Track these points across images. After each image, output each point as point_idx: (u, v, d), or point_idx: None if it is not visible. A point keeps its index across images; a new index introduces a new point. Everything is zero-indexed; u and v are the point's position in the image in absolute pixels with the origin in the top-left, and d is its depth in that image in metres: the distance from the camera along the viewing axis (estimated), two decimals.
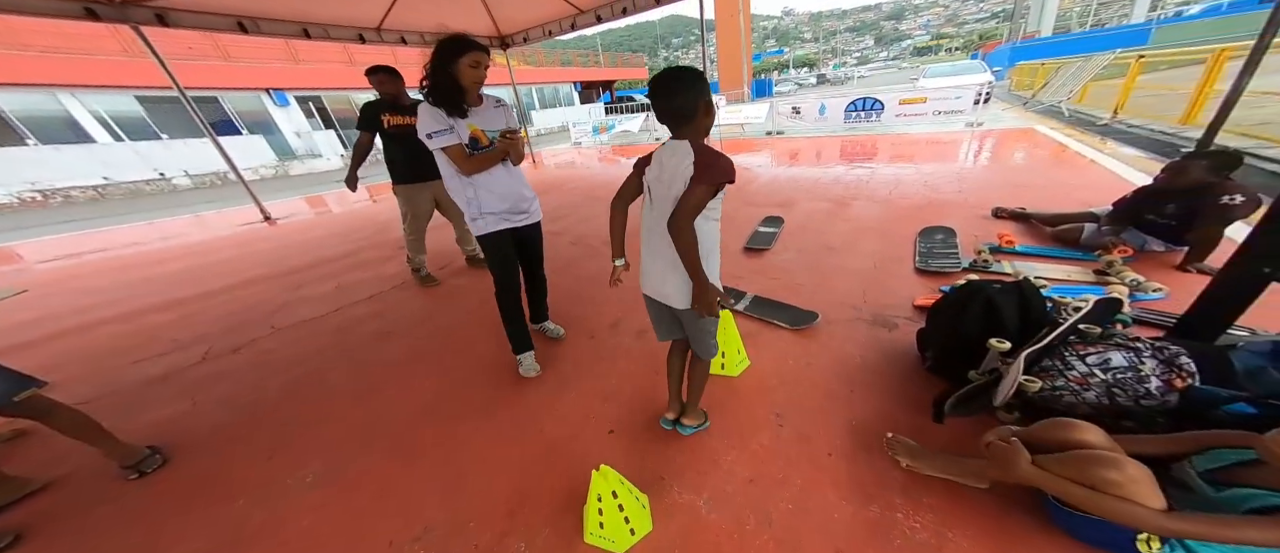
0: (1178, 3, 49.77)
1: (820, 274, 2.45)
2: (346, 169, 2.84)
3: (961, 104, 7.17)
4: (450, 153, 1.47)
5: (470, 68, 1.42)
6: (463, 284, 2.97)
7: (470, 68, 1.42)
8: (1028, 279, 1.39)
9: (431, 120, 1.43)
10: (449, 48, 1.39)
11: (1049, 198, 3.11)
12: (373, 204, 6.35)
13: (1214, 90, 4.33)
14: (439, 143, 1.44)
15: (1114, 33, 20.81)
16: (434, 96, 1.43)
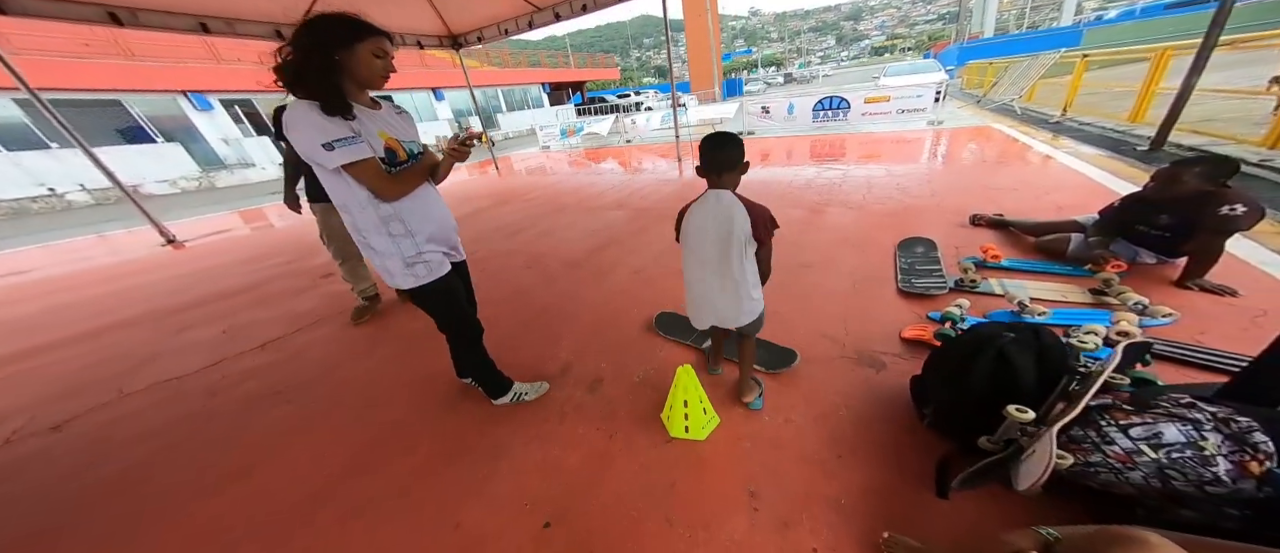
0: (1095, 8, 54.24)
1: (797, 297, 2.19)
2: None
3: (923, 102, 7.25)
4: (363, 171, 1.07)
5: (375, 57, 1.06)
6: (375, 330, 2.50)
7: (375, 57, 1.06)
8: (1046, 328, 1.15)
9: (324, 126, 1.00)
10: (342, 29, 1.02)
11: (1022, 201, 3.00)
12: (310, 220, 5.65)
13: (1159, 89, 4.44)
14: (344, 157, 1.02)
15: (1050, 34, 22.35)
16: (316, 95, 1.01)
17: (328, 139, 1.00)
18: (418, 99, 17.08)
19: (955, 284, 1.99)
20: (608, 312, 2.31)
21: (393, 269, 1.21)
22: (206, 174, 11.53)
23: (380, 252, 1.19)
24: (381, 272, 1.24)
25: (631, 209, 4.23)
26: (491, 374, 1.62)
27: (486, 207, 5.39)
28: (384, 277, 1.25)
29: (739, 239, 1.13)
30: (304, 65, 1.00)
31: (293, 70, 1.00)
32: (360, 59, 1.04)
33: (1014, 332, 1.12)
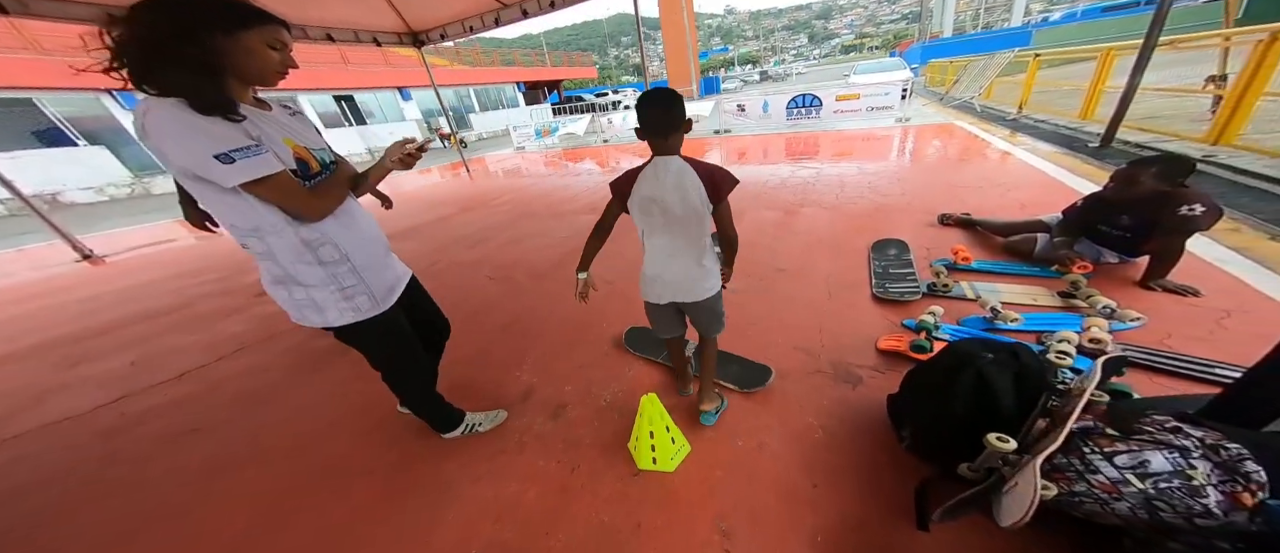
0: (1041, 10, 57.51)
1: (771, 305, 2.11)
2: None
3: (890, 100, 7.40)
4: (275, 188, 0.86)
5: (270, 49, 0.85)
6: (314, 354, 2.24)
7: (270, 49, 0.85)
8: (1024, 348, 1.08)
9: (212, 132, 0.77)
10: (221, 10, 0.79)
11: (987, 199, 3.04)
12: None
13: (1106, 87, 4.63)
14: (248, 172, 0.81)
15: (1003, 34, 23.55)
16: (182, 90, 0.76)
17: (222, 149, 0.77)
18: (382, 99, 16.33)
19: (928, 289, 1.95)
20: (575, 328, 2.17)
21: (325, 303, 1.01)
22: (140, 180, 10.56)
23: (309, 284, 0.98)
24: (306, 309, 1.01)
25: None
26: (439, 408, 1.44)
27: (451, 213, 5.12)
28: (308, 316, 1.02)
29: (695, 206, 1.04)
30: (159, 52, 0.75)
31: (141, 55, 0.76)
32: (250, 50, 0.81)
33: (992, 352, 1.05)
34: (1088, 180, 3.20)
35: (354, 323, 1.06)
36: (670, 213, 1.06)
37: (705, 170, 1.04)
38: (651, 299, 1.27)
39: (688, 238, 1.11)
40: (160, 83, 0.77)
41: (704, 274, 1.18)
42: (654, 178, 1.05)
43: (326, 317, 1.02)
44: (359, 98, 15.54)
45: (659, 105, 0.99)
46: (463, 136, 14.87)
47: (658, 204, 1.06)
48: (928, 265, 2.21)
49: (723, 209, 1.08)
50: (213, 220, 1.40)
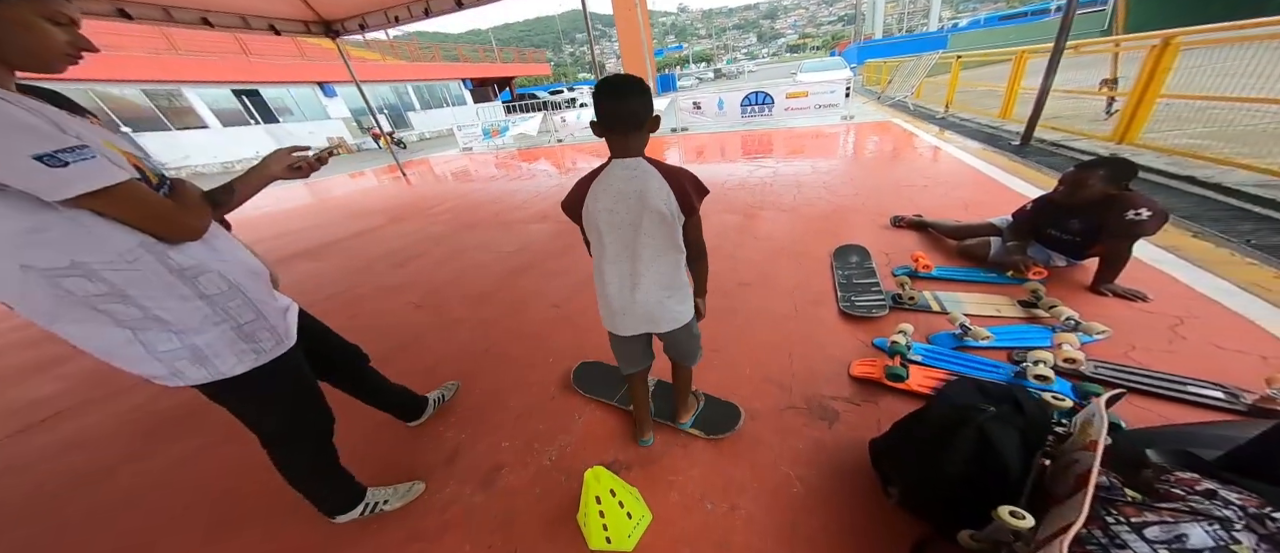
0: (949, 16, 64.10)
1: (737, 326, 1.92)
2: None
3: (835, 98, 7.65)
4: (125, 201, 0.66)
5: (49, 23, 0.64)
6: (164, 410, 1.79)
7: (49, 23, 0.64)
8: (1026, 394, 0.94)
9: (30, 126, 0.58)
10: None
11: (934, 199, 3.09)
12: None
13: (1020, 88, 5.01)
14: (87, 180, 0.61)
15: (924, 38, 25.83)
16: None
17: (46, 149, 0.57)
18: (299, 94, 14.52)
19: (894, 301, 1.86)
20: (515, 366, 1.86)
21: (215, 349, 0.79)
22: None
23: (186, 328, 0.75)
24: (183, 362, 0.76)
25: (556, 222, 3.74)
26: (334, 479, 1.13)
27: (379, 224, 4.50)
28: (185, 371, 0.77)
29: (662, 216, 0.86)
30: None
31: None
32: (13, 22, 0.61)
33: (993, 403, 0.90)
34: (1015, 177, 3.36)
35: (254, 369, 0.84)
36: (634, 228, 0.87)
37: (673, 175, 0.86)
38: (619, 332, 1.06)
39: (656, 257, 0.91)
40: None
41: (679, 298, 1.00)
42: (609, 185, 0.86)
43: (218, 367, 0.80)
44: (267, 93, 13.68)
45: (617, 95, 0.80)
46: (401, 137, 13.59)
47: (617, 217, 0.87)
48: (890, 274, 2.13)
49: (693, 223, 0.92)
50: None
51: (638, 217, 0.86)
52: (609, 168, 0.86)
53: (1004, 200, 2.90)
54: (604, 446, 1.43)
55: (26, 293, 0.64)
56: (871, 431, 1.36)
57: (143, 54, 10.83)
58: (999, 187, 3.22)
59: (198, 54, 11.81)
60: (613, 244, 0.91)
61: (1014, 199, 2.89)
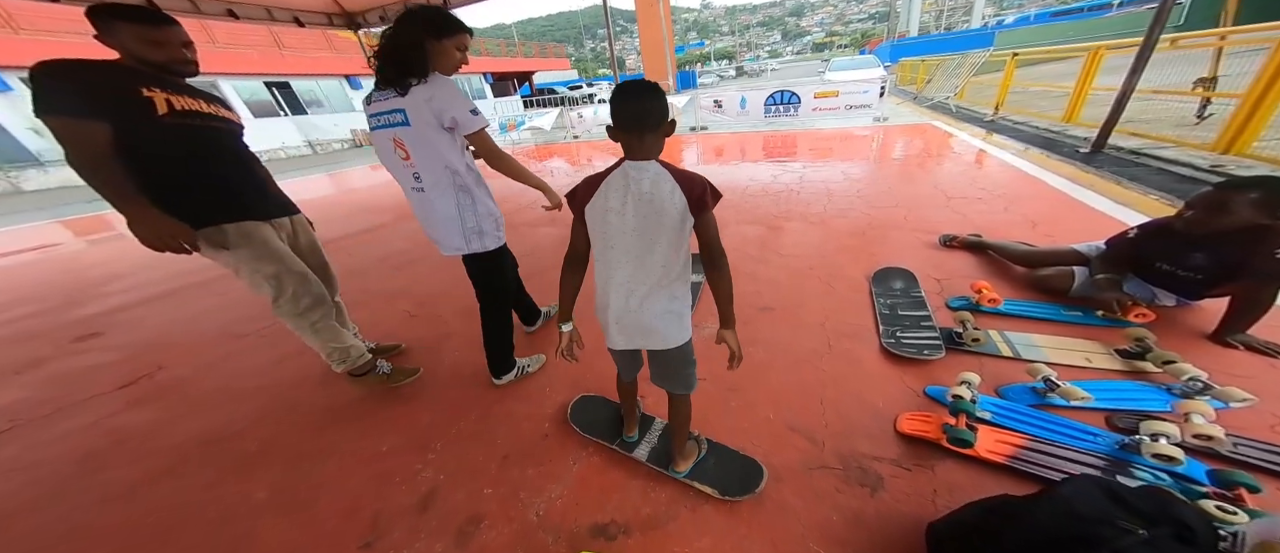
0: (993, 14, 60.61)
1: (758, 361, 1.66)
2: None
3: (869, 98, 7.19)
4: (484, 135, 1.27)
5: (458, 51, 1.23)
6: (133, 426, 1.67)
7: (458, 51, 1.23)
8: (1181, 500, 0.66)
9: (467, 97, 1.22)
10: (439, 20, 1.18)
11: (991, 215, 2.71)
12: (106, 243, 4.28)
13: (1092, 88, 4.48)
14: (481, 123, 1.25)
15: (968, 35, 24.41)
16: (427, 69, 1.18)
17: (473, 106, 1.23)
18: (327, 87, 14.82)
19: (950, 340, 1.56)
20: (508, 393, 1.65)
21: (486, 230, 1.38)
22: (5, 174, 8.98)
23: (481, 214, 1.36)
24: (473, 237, 1.36)
25: (564, 227, 3.51)
26: (505, 346, 1.64)
27: (386, 222, 4.40)
28: (472, 243, 1.37)
29: (671, 222, 0.82)
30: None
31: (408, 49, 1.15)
32: (451, 51, 1.21)
33: (1143, 521, 0.62)
34: (1088, 190, 2.94)
35: (498, 248, 1.42)
36: (640, 232, 0.84)
37: (685, 177, 0.82)
38: (612, 345, 1.03)
39: (658, 264, 0.87)
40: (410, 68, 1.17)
41: (675, 316, 0.93)
42: (622, 186, 0.83)
43: (485, 243, 1.38)
44: (297, 85, 14.00)
45: (632, 97, 0.80)
46: None
47: (625, 219, 0.84)
48: (944, 305, 1.83)
49: (706, 220, 0.85)
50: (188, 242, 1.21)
51: (645, 220, 0.83)
52: (621, 167, 0.84)
53: (1080, 219, 2.51)
54: (601, 501, 1.21)
55: (438, 177, 1.25)
56: (925, 505, 1.10)
57: None
58: (1070, 201, 2.81)
59: (234, 47, 12.18)
60: (617, 247, 0.88)
61: (1091, 217, 2.51)
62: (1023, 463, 1.12)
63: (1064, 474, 1.07)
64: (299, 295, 1.43)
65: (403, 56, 1.14)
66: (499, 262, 1.45)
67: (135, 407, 1.84)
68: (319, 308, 1.49)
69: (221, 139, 1.33)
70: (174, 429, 1.68)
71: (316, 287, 1.49)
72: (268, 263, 1.37)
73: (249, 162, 1.41)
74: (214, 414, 1.74)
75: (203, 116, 1.26)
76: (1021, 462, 1.12)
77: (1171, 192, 2.70)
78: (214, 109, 1.31)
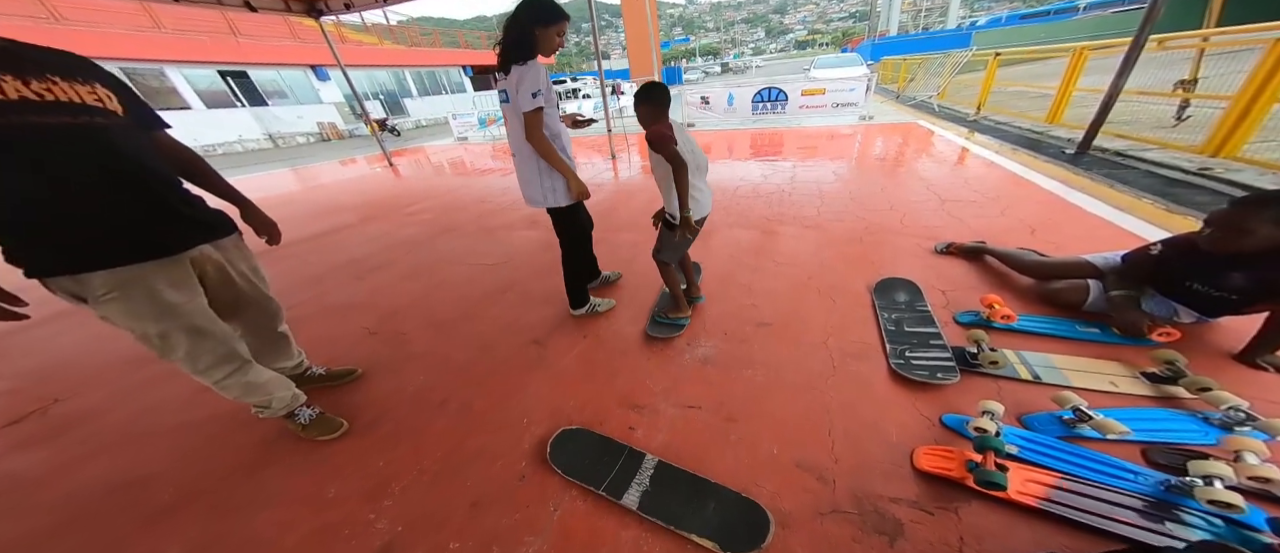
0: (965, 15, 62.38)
1: (756, 385, 1.52)
2: None
3: (855, 96, 7.18)
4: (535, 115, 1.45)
5: (558, 37, 1.44)
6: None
7: (558, 37, 1.44)
8: None
9: (544, 79, 1.42)
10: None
11: (988, 219, 2.64)
12: None
13: (1075, 89, 4.51)
14: (536, 104, 1.42)
15: (947, 35, 25.01)
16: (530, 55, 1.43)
17: (540, 87, 1.41)
18: (290, 78, 13.92)
19: (964, 361, 1.44)
20: (479, 426, 1.46)
21: (560, 189, 1.62)
22: None
23: (556, 174, 1.59)
24: (550, 192, 1.62)
25: (545, 229, 3.31)
26: (580, 283, 1.93)
27: (350, 223, 4.05)
28: (550, 196, 1.63)
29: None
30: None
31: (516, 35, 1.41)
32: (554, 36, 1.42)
33: None
34: (1079, 192, 2.91)
35: (572, 204, 1.68)
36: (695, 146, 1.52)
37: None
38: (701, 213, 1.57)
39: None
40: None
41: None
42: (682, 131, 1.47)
43: (560, 199, 1.64)
44: (256, 75, 13.10)
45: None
46: (394, 124, 13.02)
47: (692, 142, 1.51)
48: (951, 319, 1.72)
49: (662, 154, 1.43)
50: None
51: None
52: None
53: (1077, 223, 2.45)
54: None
55: (521, 143, 1.53)
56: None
57: (123, 31, 10.30)
58: (1065, 205, 2.76)
59: (184, 33, 11.25)
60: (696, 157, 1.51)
61: (1088, 222, 2.46)
62: (1057, 506, 1.00)
63: (1105, 519, 0.95)
64: (195, 355, 1.10)
65: (511, 41, 1.39)
66: (574, 215, 1.72)
67: (22, 449, 1.55)
68: (224, 366, 1.17)
69: (89, 142, 0.91)
70: (71, 476, 1.41)
71: (223, 343, 1.16)
72: (150, 322, 1.02)
73: (138, 173, 0.99)
74: (121, 456, 1.47)
75: (57, 110, 0.86)
76: (1055, 504, 1.00)
77: (1164, 196, 2.68)
78: (81, 94, 0.91)
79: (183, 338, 1.07)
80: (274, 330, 1.47)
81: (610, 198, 4.04)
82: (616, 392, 1.55)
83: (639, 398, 1.52)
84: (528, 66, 1.38)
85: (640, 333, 1.86)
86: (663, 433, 1.37)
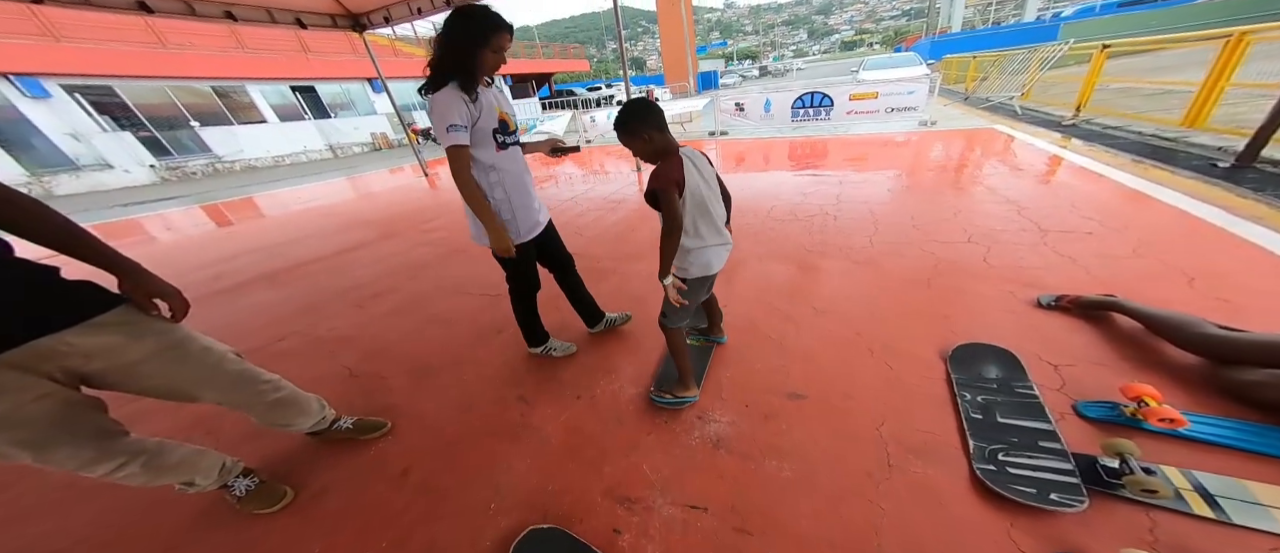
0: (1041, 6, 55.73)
1: (782, 485, 1.16)
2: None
3: (914, 100, 6.40)
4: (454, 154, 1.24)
5: (494, 53, 1.24)
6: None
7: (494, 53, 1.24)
8: None
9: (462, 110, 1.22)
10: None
11: (1120, 259, 1.96)
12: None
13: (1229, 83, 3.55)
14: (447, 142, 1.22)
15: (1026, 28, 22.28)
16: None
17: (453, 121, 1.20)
18: (353, 90, 15.04)
19: (1096, 476, 0.98)
20: (442, 511, 1.21)
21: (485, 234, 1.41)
22: (38, 179, 9.18)
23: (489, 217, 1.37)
24: (479, 234, 1.41)
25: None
26: (530, 322, 1.74)
27: (366, 241, 4.02)
28: (480, 238, 1.42)
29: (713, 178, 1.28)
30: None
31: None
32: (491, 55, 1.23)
33: None
34: (1252, 223, 2.12)
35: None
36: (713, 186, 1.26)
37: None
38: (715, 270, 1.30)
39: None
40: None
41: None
42: (693, 163, 1.18)
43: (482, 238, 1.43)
44: (322, 89, 14.23)
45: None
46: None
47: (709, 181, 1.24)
48: (1070, 408, 1.24)
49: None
50: None
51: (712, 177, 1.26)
52: (683, 151, 1.16)
53: (1261, 272, 1.75)
54: None
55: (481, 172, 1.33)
56: None
57: (212, 53, 11.56)
58: (1233, 241, 2.01)
59: (262, 52, 12.47)
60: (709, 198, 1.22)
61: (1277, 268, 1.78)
62: None
63: None
64: (52, 461, 0.89)
65: (432, 62, 1.24)
66: (514, 264, 1.49)
67: None
68: (102, 464, 0.95)
69: None
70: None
71: (89, 444, 0.94)
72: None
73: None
74: (36, 525, 1.29)
75: None
76: None
77: None
78: None
79: (20, 451, 0.86)
80: (265, 401, 1.19)
81: (629, 217, 3.72)
82: (605, 478, 1.24)
83: (631, 489, 1.20)
84: (440, 94, 1.17)
85: (643, 396, 1.54)
86: (654, 544, 1.04)
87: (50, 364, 0.86)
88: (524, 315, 1.70)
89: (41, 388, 0.85)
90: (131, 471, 0.99)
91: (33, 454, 0.86)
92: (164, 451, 1.07)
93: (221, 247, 4.44)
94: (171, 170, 11.00)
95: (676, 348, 1.41)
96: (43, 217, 0.85)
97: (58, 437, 0.88)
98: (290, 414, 1.27)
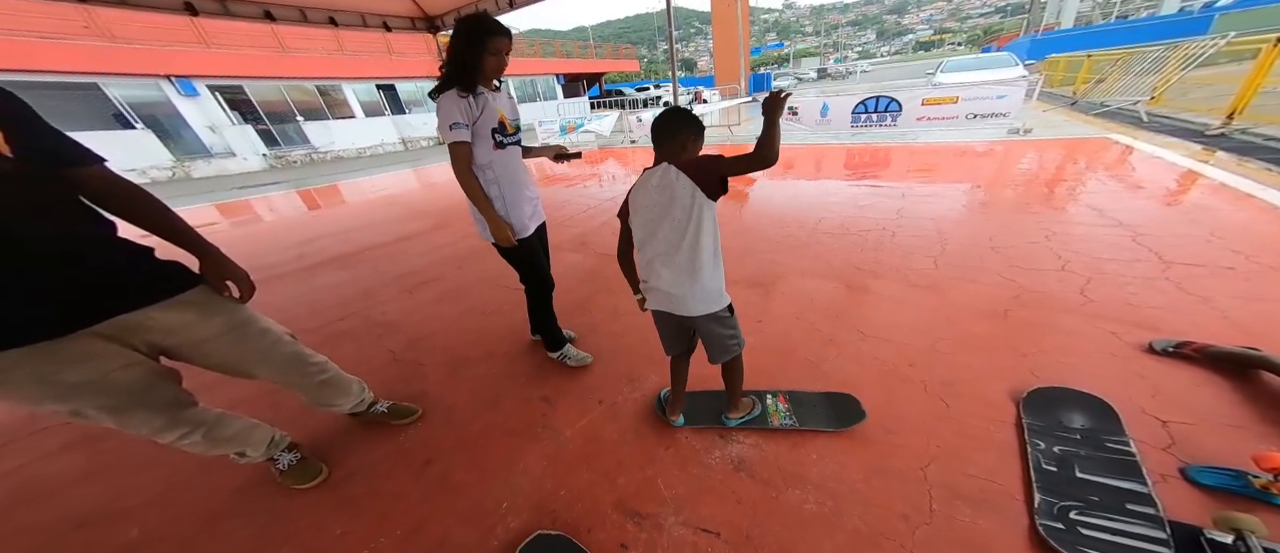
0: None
1: (804, 519, 1.09)
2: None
3: (1004, 105, 5.67)
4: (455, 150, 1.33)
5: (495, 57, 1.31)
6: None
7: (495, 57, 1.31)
8: None
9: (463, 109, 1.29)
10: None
11: (1263, 303, 1.62)
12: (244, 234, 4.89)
13: None
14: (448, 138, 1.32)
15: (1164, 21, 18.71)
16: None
17: (454, 120, 1.29)
18: (425, 88, 16.51)
19: (1196, 550, 0.79)
20: (449, 502, 1.25)
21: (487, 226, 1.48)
22: (181, 164, 11.00)
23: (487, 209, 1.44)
24: (483, 228, 1.49)
25: (594, 254, 3.08)
26: (548, 327, 1.74)
27: (423, 230, 4.33)
28: (484, 233, 1.49)
29: (683, 204, 1.00)
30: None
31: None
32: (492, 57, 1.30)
33: None
34: None
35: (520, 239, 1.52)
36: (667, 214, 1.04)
37: (691, 167, 1.01)
38: (653, 306, 1.18)
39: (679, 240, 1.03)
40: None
41: (704, 283, 1.05)
42: (646, 188, 1.08)
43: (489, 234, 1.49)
44: (401, 87, 15.73)
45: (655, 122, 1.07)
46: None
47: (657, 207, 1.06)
48: (1176, 470, 1.01)
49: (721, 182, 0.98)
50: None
51: (676, 200, 1.01)
52: (645, 176, 1.09)
53: None
54: None
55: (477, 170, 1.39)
56: None
57: (320, 55, 13.24)
58: None
59: (359, 54, 14.10)
60: (651, 229, 1.08)
61: None
62: None
63: None
64: (127, 425, 0.97)
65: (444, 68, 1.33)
66: (519, 255, 1.54)
67: (45, 459, 1.53)
68: (170, 431, 1.04)
69: None
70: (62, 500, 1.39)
71: (161, 412, 1.02)
72: (50, 402, 0.89)
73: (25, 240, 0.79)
74: (118, 480, 1.44)
75: None
76: None
77: None
78: None
79: (102, 415, 0.94)
80: (312, 382, 1.28)
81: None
82: (618, 489, 1.22)
83: (642, 503, 1.17)
84: (444, 97, 1.28)
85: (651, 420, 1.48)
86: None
87: (136, 337, 0.95)
88: (541, 318, 1.72)
89: (128, 358, 0.94)
90: (195, 440, 1.10)
91: (114, 419, 0.96)
92: (223, 422, 1.18)
93: (307, 228, 5.03)
94: (278, 159, 12.69)
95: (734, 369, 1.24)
96: (145, 203, 0.96)
97: (136, 404, 0.98)
98: (334, 395, 1.37)
